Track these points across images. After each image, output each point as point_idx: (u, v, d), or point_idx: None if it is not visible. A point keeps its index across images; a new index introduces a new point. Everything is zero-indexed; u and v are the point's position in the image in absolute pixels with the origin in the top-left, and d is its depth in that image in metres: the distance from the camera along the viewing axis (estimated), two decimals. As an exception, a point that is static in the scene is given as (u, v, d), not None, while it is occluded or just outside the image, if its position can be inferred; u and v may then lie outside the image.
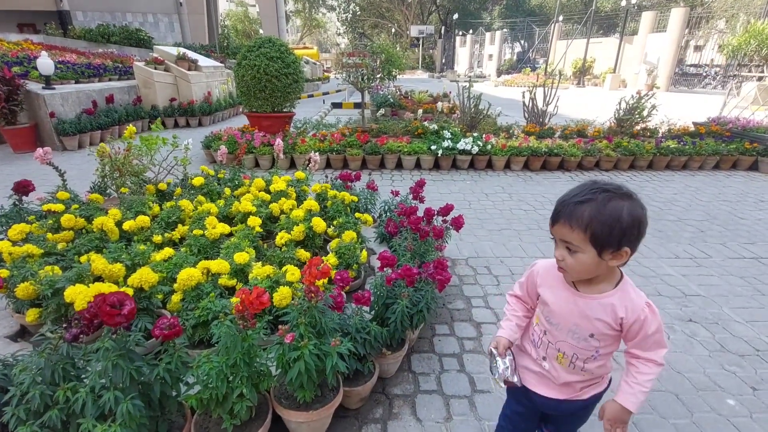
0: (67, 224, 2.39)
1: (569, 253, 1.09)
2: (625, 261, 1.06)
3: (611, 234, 1.02)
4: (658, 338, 1.13)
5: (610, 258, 1.05)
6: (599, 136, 6.75)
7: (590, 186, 1.07)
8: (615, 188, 1.05)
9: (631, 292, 1.13)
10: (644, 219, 1.04)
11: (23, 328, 2.06)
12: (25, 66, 8.48)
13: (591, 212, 1.03)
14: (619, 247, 1.03)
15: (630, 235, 1.02)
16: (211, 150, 6.25)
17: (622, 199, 1.03)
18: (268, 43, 6.36)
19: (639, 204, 1.04)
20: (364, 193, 3.64)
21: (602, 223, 1.02)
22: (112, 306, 1.24)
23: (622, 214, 1.01)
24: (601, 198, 1.04)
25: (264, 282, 1.98)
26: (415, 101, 10.15)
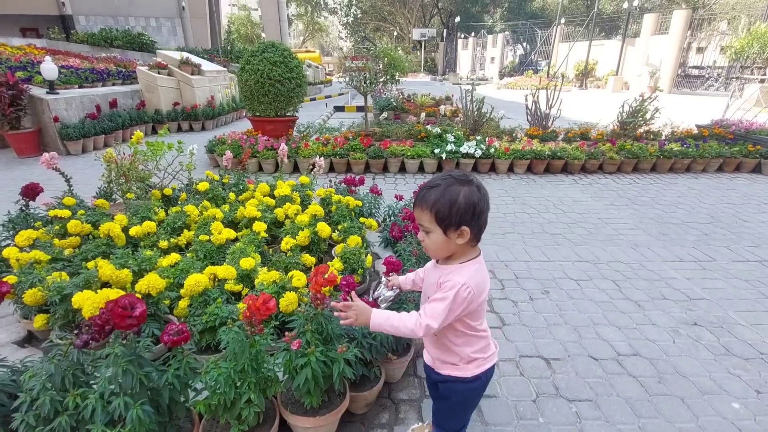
0: (74, 230, 2.41)
1: (426, 235, 1.24)
2: (469, 239, 1.20)
3: (450, 214, 1.16)
4: (434, 307, 1.22)
5: (456, 236, 1.19)
6: (602, 138, 6.75)
7: (441, 174, 1.23)
8: (459, 176, 1.20)
9: (463, 270, 1.23)
10: (479, 202, 1.17)
11: (30, 333, 2.08)
12: (29, 71, 8.55)
13: (435, 195, 1.18)
14: (459, 226, 1.17)
15: (466, 215, 1.16)
16: (214, 154, 6.28)
17: (461, 184, 1.18)
18: (272, 47, 6.39)
19: (477, 189, 1.18)
20: (368, 197, 3.65)
21: (443, 205, 1.16)
22: (124, 308, 1.26)
23: (459, 197, 1.15)
24: (444, 183, 1.19)
25: (270, 287, 1.98)
26: (417, 104, 10.17)
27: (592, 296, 3.01)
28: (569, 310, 2.83)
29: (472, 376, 1.37)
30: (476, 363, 1.37)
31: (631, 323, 2.70)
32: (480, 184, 1.21)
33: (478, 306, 1.27)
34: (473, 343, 1.35)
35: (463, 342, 1.34)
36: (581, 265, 3.45)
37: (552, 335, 2.57)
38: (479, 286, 1.24)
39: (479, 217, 1.18)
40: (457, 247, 1.22)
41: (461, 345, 1.35)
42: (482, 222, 1.21)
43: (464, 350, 1.35)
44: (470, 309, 1.26)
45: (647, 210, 4.75)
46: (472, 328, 1.32)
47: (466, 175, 1.21)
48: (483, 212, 1.19)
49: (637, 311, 2.83)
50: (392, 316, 1.29)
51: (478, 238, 1.23)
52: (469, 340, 1.34)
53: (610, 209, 4.78)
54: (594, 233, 4.11)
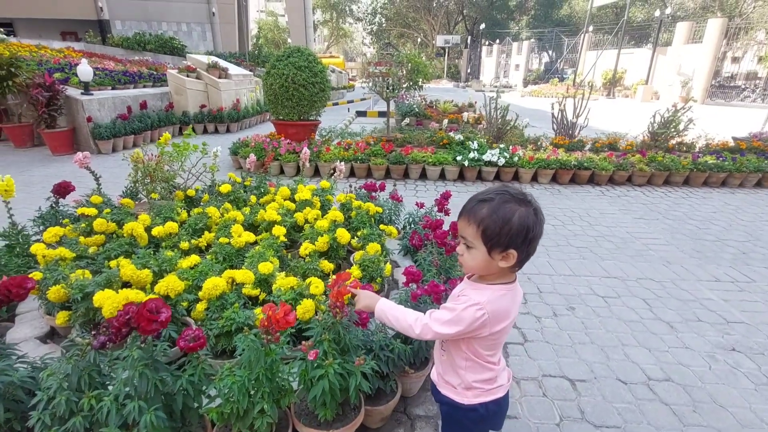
0: (99, 228, 2.44)
1: (467, 249, 1.16)
2: (514, 264, 1.10)
3: (500, 234, 1.07)
4: (440, 313, 1.18)
5: (500, 258, 1.10)
6: (632, 149, 6.53)
7: (496, 188, 1.14)
8: (517, 194, 1.10)
9: (486, 291, 1.15)
10: (534, 227, 1.07)
11: (53, 329, 2.11)
12: (67, 72, 8.88)
13: (487, 210, 1.09)
14: (507, 248, 1.08)
15: (517, 238, 1.07)
16: (238, 156, 6.36)
17: (518, 203, 1.08)
18: (297, 52, 6.46)
19: (534, 212, 1.08)
20: (388, 203, 3.60)
21: (494, 222, 1.08)
22: (151, 312, 1.24)
23: (513, 217, 1.06)
24: (498, 199, 1.09)
25: (287, 294, 1.96)
26: (440, 111, 10.11)
27: (621, 315, 2.87)
28: (596, 329, 2.71)
29: (468, 405, 1.28)
30: (475, 392, 1.27)
31: (663, 345, 2.56)
32: (538, 207, 1.11)
33: (492, 335, 1.17)
34: (478, 371, 1.26)
35: (467, 366, 1.26)
36: (609, 281, 3.31)
37: (577, 354, 2.46)
38: (498, 313, 1.14)
39: (530, 243, 1.09)
40: (497, 269, 1.13)
41: (464, 369, 1.27)
42: (532, 249, 1.11)
43: (466, 375, 1.27)
44: (480, 334, 1.17)
45: (680, 225, 4.55)
46: (480, 356, 1.24)
47: (525, 194, 1.11)
48: (536, 238, 1.09)
49: (669, 333, 2.68)
50: (397, 307, 1.28)
51: (521, 264, 1.13)
52: (474, 366, 1.26)
53: (639, 223, 4.59)
54: (622, 248, 3.95)
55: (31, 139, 7.63)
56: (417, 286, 2.04)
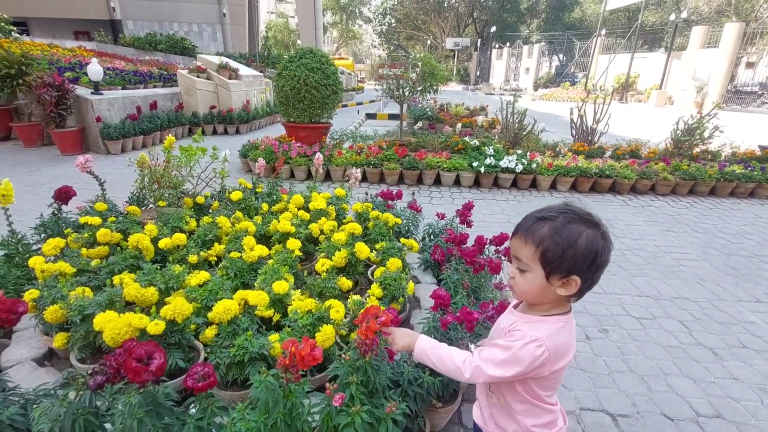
0: (103, 239, 2.29)
1: (520, 273, 1.03)
2: (574, 293, 0.98)
3: (562, 257, 0.95)
4: (493, 352, 1.04)
5: (559, 285, 0.98)
6: (654, 157, 6.29)
7: (558, 206, 1.02)
8: (583, 214, 1.00)
9: (543, 325, 1.02)
10: (602, 252, 0.96)
11: (51, 350, 1.95)
12: (77, 71, 8.82)
13: (548, 230, 0.97)
14: (569, 274, 0.96)
15: (582, 263, 0.95)
16: (248, 159, 6.22)
17: (586, 225, 0.97)
18: (309, 53, 6.31)
19: (603, 236, 0.97)
20: (405, 213, 3.42)
21: (556, 243, 0.95)
22: (139, 360, 1.07)
23: (580, 239, 0.95)
24: (562, 218, 0.98)
25: (305, 318, 1.78)
26: (452, 114, 9.92)
27: (659, 339, 2.66)
28: (633, 355, 2.50)
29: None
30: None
31: (708, 376, 2.35)
32: (606, 231, 0.99)
33: (552, 374, 1.04)
34: (537, 415, 1.12)
35: (524, 410, 1.12)
36: (642, 301, 3.10)
37: (616, 385, 2.26)
38: (558, 349, 1.01)
39: (597, 271, 0.97)
40: (553, 297, 1.01)
41: (522, 413, 1.12)
42: (597, 277, 0.99)
43: (525, 420, 1.12)
44: (540, 374, 1.03)
45: (710, 239, 4.31)
46: (538, 397, 1.10)
47: (591, 215, 1.00)
48: (603, 266, 0.97)
49: (713, 361, 2.47)
50: (439, 346, 1.13)
51: (582, 294, 1.00)
52: (532, 409, 1.12)
53: (667, 236, 4.37)
54: (652, 263, 3.73)
55: (40, 138, 7.56)
56: (446, 312, 1.86)
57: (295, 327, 1.78)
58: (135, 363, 1.04)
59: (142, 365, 1.05)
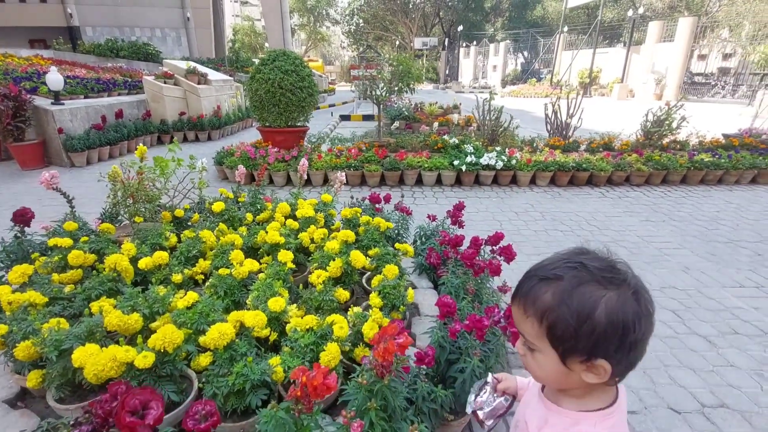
0: (75, 262, 2.10)
1: (530, 352, 0.78)
2: (605, 378, 0.71)
3: (577, 335, 0.69)
4: None
5: (583, 369, 0.72)
6: (627, 149, 6.45)
7: (566, 255, 0.76)
8: (602, 267, 0.72)
9: (585, 426, 0.75)
10: (635, 323, 0.68)
11: (24, 389, 1.76)
12: (35, 81, 8.33)
13: (552, 297, 0.72)
14: (592, 357, 0.70)
15: (607, 342, 0.68)
16: (223, 166, 6.00)
17: (602, 286, 0.69)
18: (283, 56, 6.14)
19: (635, 297, 0.70)
20: (395, 216, 3.34)
21: (563, 317, 0.70)
22: (133, 413, 0.94)
23: (595, 309, 0.68)
24: (570, 278, 0.71)
25: (306, 337, 1.67)
26: (426, 113, 9.91)
27: (655, 330, 2.68)
28: (632, 348, 2.51)
29: None
30: None
31: (707, 365, 2.38)
32: (640, 287, 0.72)
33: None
34: None
35: None
36: (633, 292, 3.13)
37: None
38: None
39: (632, 349, 0.70)
40: (584, 384, 0.75)
41: None
42: (636, 355, 0.71)
43: None
44: None
45: (687, 227, 4.44)
46: None
47: (613, 267, 0.72)
48: (640, 342, 0.70)
49: (709, 349, 2.51)
50: None
51: (623, 375, 0.74)
52: None
53: (647, 226, 4.46)
54: (637, 254, 3.79)
55: (-3, 153, 7.08)
56: (453, 320, 1.79)
57: (296, 347, 1.67)
58: (129, 417, 0.91)
59: (137, 419, 0.93)
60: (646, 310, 0.70)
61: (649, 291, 0.73)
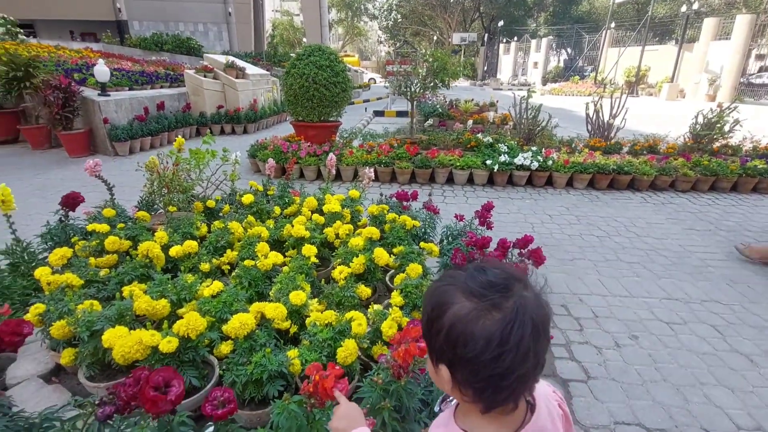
0: (111, 247, 2.21)
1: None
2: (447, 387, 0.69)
3: (429, 333, 0.70)
4: None
5: (437, 371, 0.70)
6: (674, 153, 6.10)
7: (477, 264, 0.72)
8: (485, 281, 0.66)
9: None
10: (475, 342, 0.61)
11: (58, 366, 1.86)
12: (84, 73, 8.79)
13: (427, 291, 0.76)
14: (438, 359, 0.69)
15: (445, 349, 0.66)
16: (256, 159, 6.13)
17: (467, 296, 0.65)
18: (318, 51, 6.19)
19: (495, 321, 0.62)
20: (422, 214, 3.30)
21: (424, 311, 0.72)
22: (156, 389, 0.97)
23: (444, 312, 0.66)
24: (446, 278, 0.73)
25: (324, 332, 1.68)
26: (461, 111, 9.75)
27: (691, 345, 2.53)
28: (666, 363, 2.37)
29: None
30: None
31: (746, 385, 2.21)
32: (519, 319, 0.62)
33: None
34: None
35: None
36: (670, 304, 2.96)
37: (651, 396, 2.13)
38: None
39: (474, 367, 0.63)
40: (453, 393, 0.72)
41: None
42: (490, 379, 0.63)
43: None
44: None
45: (736, 237, 4.14)
46: None
47: (500, 287, 0.65)
48: (488, 365, 0.62)
49: (750, 368, 2.33)
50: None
51: (485, 401, 0.66)
52: None
53: (691, 234, 4.21)
54: (678, 264, 3.58)
55: (48, 140, 7.54)
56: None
57: (315, 341, 1.68)
58: (153, 392, 0.94)
59: (160, 394, 0.96)
60: (506, 340, 0.61)
61: (541, 333, 0.64)
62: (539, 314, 0.65)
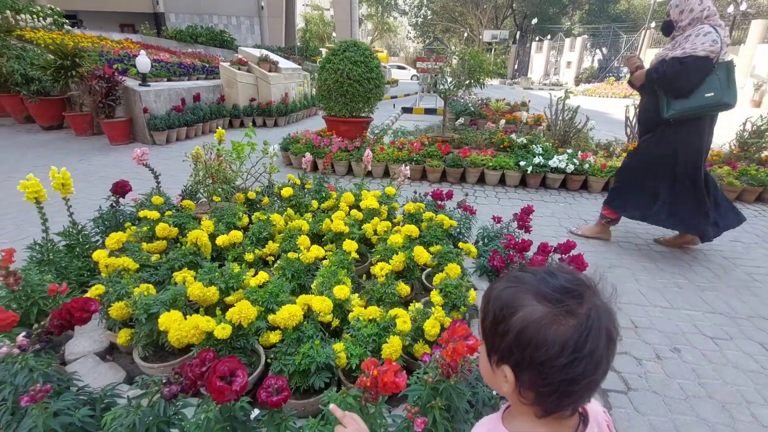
0: (162, 234, 2.29)
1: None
2: (510, 389, 0.68)
3: (494, 332, 0.69)
4: None
5: (498, 373, 0.70)
6: (718, 161, 5.85)
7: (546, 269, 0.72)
8: (557, 286, 0.66)
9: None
10: (548, 346, 0.61)
11: (113, 345, 1.95)
12: (125, 63, 9.10)
13: (492, 290, 0.74)
14: (501, 360, 0.68)
15: (513, 351, 0.66)
16: (288, 152, 6.22)
17: (539, 299, 0.65)
18: (353, 46, 6.21)
19: (569, 326, 0.62)
20: (456, 214, 3.29)
21: (490, 310, 0.71)
22: (222, 378, 1.01)
23: (514, 313, 0.66)
24: (514, 280, 0.71)
25: (369, 327, 1.70)
26: (492, 110, 9.62)
27: (737, 362, 2.43)
28: (710, 379, 2.29)
29: None
30: None
31: (798, 407, 2.12)
32: (592, 326, 0.62)
33: None
34: None
35: None
36: (715, 318, 2.86)
37: (694, 412, 2.07)
38: None
39: (542, 372, 0.63)
40: (510, 395, 0.71)
41: None
42: (556, 385, 0.63)
43: None
44: None
45: (785, 252, 3.95)
46: None
47: (573, 292, 0.65)
48: (558, 371, 0.62)
49: (802, 390, 2.23)
50: None
51: (544, 405, 0.67)
52: None
53: (736, 246, 4.04)
54: (722, 276, 3.45)
55: (90, 127, 7.85)
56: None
57: (359, 336, 1.70)
58: (219, 382, 0.98)
59: (226, 384, 0.99)
60: (582, 347, 0.61)
61: (612, 342, 0.66)
62: (611, 322, 0.66)
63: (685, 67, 3.15)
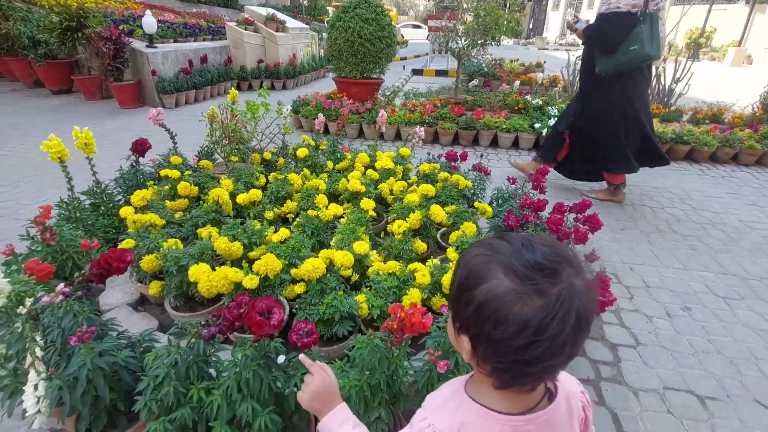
0: (183, 192, 2.34)
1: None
2: (467, 357, 0.67)
3: (458, 300, 0.66)
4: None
5: (458, 340, 0.68)
6: (740, 123, 5.69)
7: (524, 239, 0.65)
8: (530, 261, 0.59)
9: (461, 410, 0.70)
10: (509, 322, 0.57)
11: (143, 296, 2.05)
12: (131, 24, 8.89)
13: (463, 256, 0.70)
14: (461, 328, 0.66)
15: (472, 322, 0.62)
16: (299, 115, 6.17)
17: (507, 273, 0.59)
18: (364, 3, 6.00)
19: (537, 305, 0.56)
20: (471, 176, 3.28)
21: (457, 277, 0.68)
22: (261, 314, 1.07)
23: (479, 284, 0.61)
24: (485, 249, 0.66)
25: (389, 281, 1.76)
26: (506, 71, 9.33)
27: (748, 321, 2.48)
28: (720, 336, 2.35)
29: None
30: None
31: (806, 363, 2.17)
32: (564, 308, 0.56)
33: None
34: None
35: None
36: (727, 279, 2.88)
37: (702, 366, 2.13)
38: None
39: (498, 346, 0.60)
40: (470, 362, 0.69)
41: None
42: (510, 361, 0.60)
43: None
44: None
45: (803, 215, 3.91)
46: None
47: (549, 271, 0.58)
48: (518, 348, 0.58)
49: (811, 347, 2.28)
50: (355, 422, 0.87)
51: (501, 378, 0.64)
52: None
53: (753, 210, 4.00)
54: (737, 239, 3.44)
55: (100, 91, 7.80)
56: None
57: (379, 289, 1.76)
58: (258, 317, 1.04)
59: (265, 319, 1.05)
60: (543, 330, 0.56)
61: (583, 326, 0.59)
62: (586, 306, 0.59)
63: (608, 22, 3.27)
